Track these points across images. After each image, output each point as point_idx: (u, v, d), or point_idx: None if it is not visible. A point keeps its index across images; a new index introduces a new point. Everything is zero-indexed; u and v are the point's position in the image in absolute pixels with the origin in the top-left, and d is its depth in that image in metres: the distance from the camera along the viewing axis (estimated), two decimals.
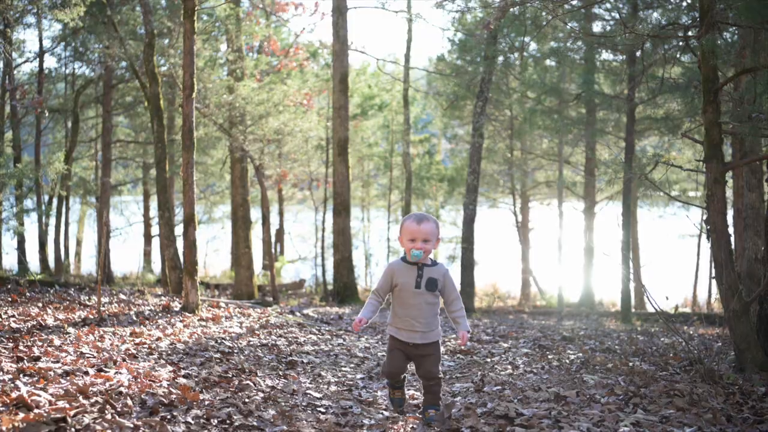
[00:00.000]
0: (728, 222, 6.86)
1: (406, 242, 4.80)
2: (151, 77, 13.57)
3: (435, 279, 4.80)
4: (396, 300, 4.86)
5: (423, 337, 4.81)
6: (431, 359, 4.85)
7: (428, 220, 4.80)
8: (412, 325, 4.79)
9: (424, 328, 4.79)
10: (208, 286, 19.82)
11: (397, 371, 4.96)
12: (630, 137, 15.62)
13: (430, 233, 4.75)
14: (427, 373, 4.86)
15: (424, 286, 4.76)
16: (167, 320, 8.48)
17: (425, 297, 4.78)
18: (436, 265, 4.88)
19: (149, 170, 23.60)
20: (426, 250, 4.74)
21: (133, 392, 4.69)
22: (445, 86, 24.42)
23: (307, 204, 30.12)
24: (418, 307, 4.77)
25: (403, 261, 4.86)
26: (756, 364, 6.48)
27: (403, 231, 4.84)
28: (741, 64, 8.28)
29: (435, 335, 4.85)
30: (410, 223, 4.80)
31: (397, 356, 4.91)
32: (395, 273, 4.84)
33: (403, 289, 4.79)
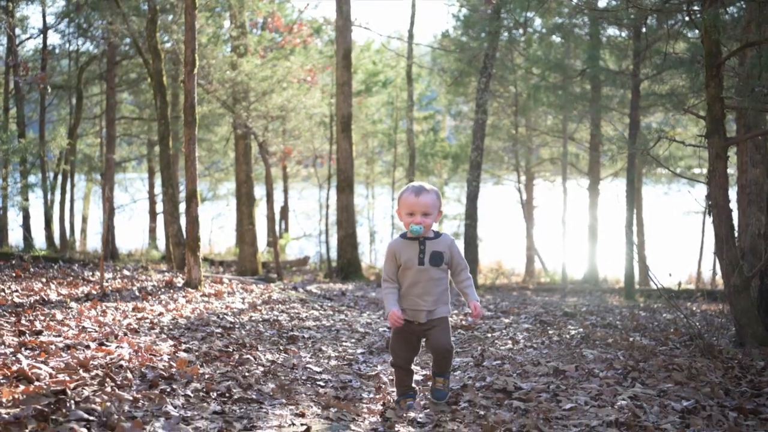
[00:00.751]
0: (730, 197, 6.84)
1: (404, 216, 4.42)
2: (153, 54, 13.53)
3: (440, 252, 4.41)
4: (400, 278, 4.49)
5: (429, 315, 4.44)
6: (439, 330, 4.46)
7: (427, 191, 4.39)
8: (416, 303, 4.42)
9: (431, 306, 4.43)
10: (213, 263, 19.88)
11: (407, 356, 4.56)
12: (635, 113, 15.55)
13: (431, 205, 4.35)
14: (438, 344, 4.46)
15: (428, 262, 4.39)
16: (170, 296, 8.52)
17: (430, 273, 4.40)
18: (439, 237, 4.47)
19: (154, 147, 23.59)
20: (426, 225, 4.35)
21: (134, 366, 4.73)
22: (449, 63, 24.32)
23: (311, 181, 30.14)
24: (423, 285, 4.41)
25: (402, 238, 4.49)
26: (756, 339, 6.50)
27: (400, 204, 4.44)
28: (746, 38, 8.22)
29: (443, 311, 4.48)
30: (408, 195, 4.40)
31: (405, 338, 4.54)
32: (397, 251, 4.45)
33: (407, 267, 4.41)
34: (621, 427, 4.15)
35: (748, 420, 4.35)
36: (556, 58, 19.33)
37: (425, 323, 4.44)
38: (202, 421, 3.85)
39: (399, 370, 4.59)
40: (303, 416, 4.20)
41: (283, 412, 4.24)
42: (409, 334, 4.51)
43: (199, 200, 9.73)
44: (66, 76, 20.81)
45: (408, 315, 4.44)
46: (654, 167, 20.55)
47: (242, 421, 3.95)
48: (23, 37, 18.02)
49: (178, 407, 4.03)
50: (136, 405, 3.94)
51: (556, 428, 4.18)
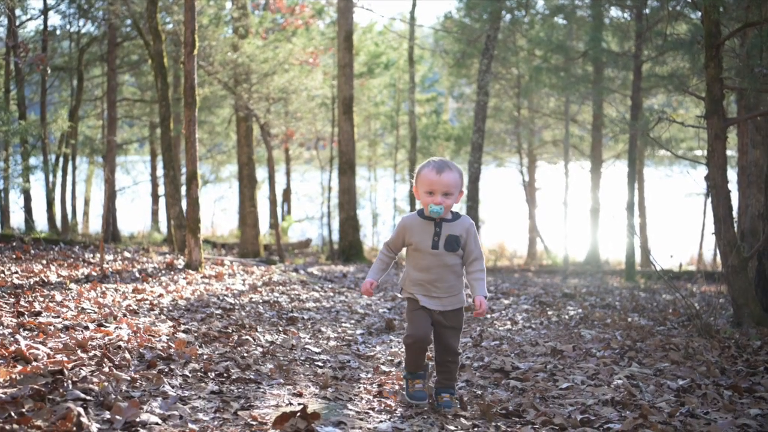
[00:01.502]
0: (728, 178, 6.84)
1: (422, 195, 3.97)
2: (154, 35, 13.50)
3: (456, 236, 3.99)
4: (410, 261, 4.11)
5: (444, 304, 4.06)
6: (453, 333, 4.12)
7: (450, 168, 3.95)
8: (429, 290, 4.04)
9: (444, 294, 4.05)
10: (215, 245, 19.92)
11: (424, 335, 4.08)
12: (636, 95, 15.51)
13: (453, 185, 3.92)
14: (447, 349, 4.11)
15: (442, 246, 3.98)
16: (170, 277, 8.55)
17: (444, 258, 4.00)
18: (458, 219, 4.04)
19: (156, 129, 23.57)
20: (447, 206, 3.93)
21: (132, 346, 4.75)
22: (451, 44, 24.24)
23: (313, 164, 30.12)
24: (436, 271, 4.01)
25: (419, 215, 4.05)
26: (753, 319, 6.52)
27: (419, 181, 3.99)
28: (747, 18, 8.18)
29: (458, 301, 4.09)
30: (428, 171, 3.95)
31: (422, 316, 4.08)
32: (408, 230, 4.05)
33: (418, 249, 4.02)
34: (617, 406, 4.18)
35: (743, 398, 4.38)
36: (558, 39, 19.25)
37: (444, 313, 4.08)
38: (200, 401, 3.88)
39: (415, 347, 4.11)
40: (300, 396, 4.23)
41: (280, 392, 4.27)
42: (426, 312, 4.09)
43: (199, 182, 9.75)
44: (67, 58, 20.76)
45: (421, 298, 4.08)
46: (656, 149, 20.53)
47: (239, 400, 3.98)
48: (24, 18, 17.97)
49: (175, 387, 4.06)
50: (133, 385, 3.96)
51: (553, 407, 4.21)
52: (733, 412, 4.07)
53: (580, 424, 3.86)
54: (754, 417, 3.97)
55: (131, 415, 3.44)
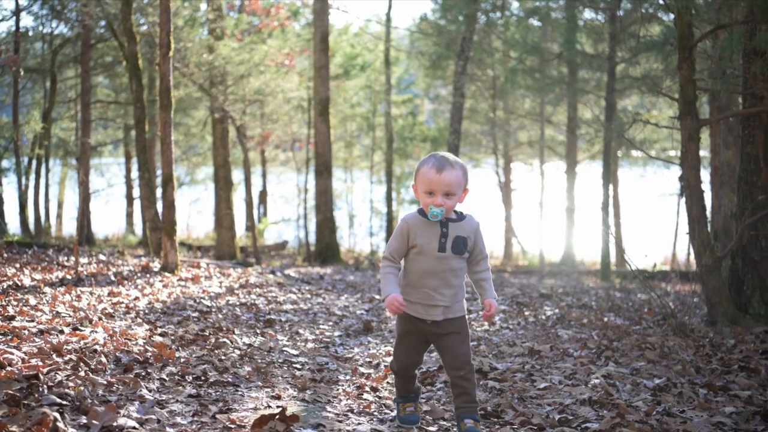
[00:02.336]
0: (702, 178, 6.92)
1: (422, 195, 3.61)
2: (129, 36, 13.40)
3: (463, 238, 3.63)
4: (410, 265, 3.69)
5: (445, 312, 3.66)
6: (458, 338, 3.67)
7: (452, 165, 3.59)
8: (430, 297, 3.63)
9: (448, 302, 3.64)
10: (191, 248, 19.81)
11: (412, 362, 3.81)
12: (611, 96, 15.64)
13: (455, 184, 3.57)
14: (455, 359, 3.64)
15: (450, 249, 3.61)
16: (146, 280, 8.49)
17: (451, 262, 3.62)
18: (464, 219, 3.69)
19: (130, 131, 23.40)
20: (449, 207, 3.57)
21: (108, 350, 4.72)
22: (427, 46, 24.31)
23: (290, 165, 30.06)
24: (441, 276, 3.63)
25: (420, 215, 3.66)
26: (727, 318, 6.59)
27: (418, 179, 3.63)
28: (718, 20, 8.28)
29: (460, 308, 3.70)
30: (428, 169, 3.59)
31: (412, 340, 3.76)
32: (412, 230, 3.64)
33: (423, 253, 3.62)
34: (594, 405, 4.21)
35: (718, 396, 4.43)
36: (533, 41, 19.36)
37: (441, 323, 3.67)
38: (177, 405, 3.86)
39: (402, 376, 3.87)
40: (279, 398, 4.22)
41: (259, 394, 4.25)
42: (418, 334, 3.75)
43: (175, 184, 9.69)
44: (40, 59, 20.55)
45: (418, 311, 3.68)
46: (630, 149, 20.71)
47: (218, 403, 3.96)
48: None
49: (152, 391, 4.04)
50: (110, 389, 3.93)
51: (531, 407, 4.23)
52: (708, 410, 4.11)
53: (558, 423, 3.88)
54: (729, 415, 4.02)
55: (108, 420, 3.41)
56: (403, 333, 3.78)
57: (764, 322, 6.60)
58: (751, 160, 6.79)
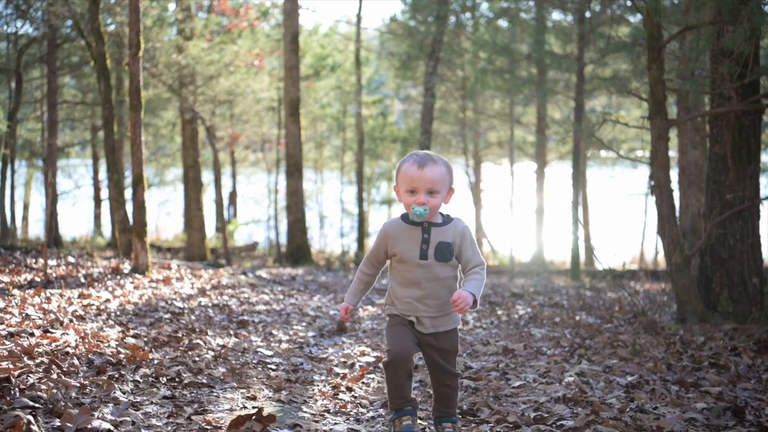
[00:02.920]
0: (671, 178, 7.01)
1: (403, 194, 3.39)
2: (96, 36, 13.26)
3: (448, 243, 3.37)
4: (394, 275, 3.46)
5: (434, 324, 3.42)
6: (446, 354, 3.46)
7: (435, 162, 3.36)
8: (416, 309, 3.40)
9: (435, 312, 3.40)
10: (160, 249, 19.65)
11: (406, 348, 3.39)
12: (579, 97, 15.77)
13: (438, 181, 3.33)
14: (441, 371, 3.46)
15: (432, 256, 3.36)
16: (116, 282, 8.41)
17: (435, 270, 3.37)
18: (449, 223, 3.43)
19: (98, 132, 23.15)
20: (432, 206, 3.33)
21: (80, 352, 4.67)
22: (397, 47, 24.34)
23: (260, 166, 29.94)
24: (425, 286, 3.38)
25: (402, 220, 3.44)
26: (696, 315, 6.68)
27: (399, 178, 3.40)
28: (686, 22, 8.40)
29: (451, 321, 3.45)
30: (409, 166, 3.36)
31: (403, 331, 3.44)
32: (390, 237, 3.42)
33: (404, 261, 3.39)
34: (568, 403, 4.24)
35: (690, 393, 4.48)
36: (502, 42, 19.47)
37: (429, 335, 3.43)
38: (152, 406, 3.83)
39: (395, 368, 3.39)
40: (254, 399, 4.20)
41: (234, 395, 4.23)
42: (407, 328, 3.45)
43: (146, 185, 9.61)
44: (5, 59, 20.26)
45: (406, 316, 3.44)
46: (598, 150, 20.92)
47: (193, 405, 3.94)
48: None
49: (126, 393, 4.00)
50: (83, 391, 3.89)
51: (506, 405, 4.25)
52: (680, 406, 4.16)
53: (533, 421, 3.91)
54: (701, 411, 4.07)
55: (82, 422, 3.38)
56: (392, 325, 3.48)
57: (733, 320, 6.70)
58: (719, 159, 6.89)
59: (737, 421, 3.91)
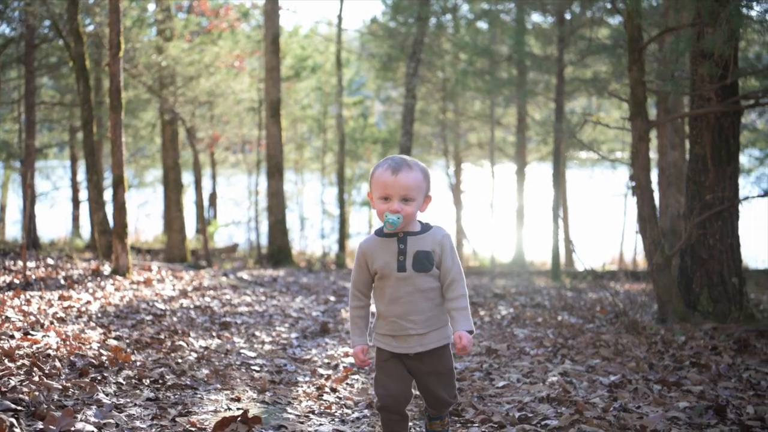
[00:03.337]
0: (652, 179, 7.06)
1: (377, 202, 3.15)
2: (75, 37, 13.16)
3: (427, 252, 3.13)
4: (376, 294, 3.23)
5: (423, 342, 3.15)
6: (440, 378, 3.21)
7: (410, 167, 3.13)
8: (401, 327, 3.14)
9: (422, 328, 3.13)
10: (140, 251, 19.52)
11: (399, 394, 3.19)
12: (560, 98, 15.85)
13: (414, 187, 3.10)
14: (436, 399, 3.22)
15: (411, 267, 3.11)
16: (97, 284, 8.35)
17: (416, 282, 3.12)
18: (428, 231, 3.18)
19: (76, 133, 22.97)
20: (407, 214, 3.09)
21: (62, 355, 4.63)
22: (378, 48, 24.35)
23: (240, 167, 29.84)
24: (407, 301, 3.13)
25: (377, 234, 3.20)
26: (677, 315, 6.73)
27: (373, 184, 3.17)
28: (665, 24, 8.46)
29: (442, 336, 3.18)
30: (382, 172, 3.13)
31: (393, 369, 3.20)
32: (368, 255, 3.18)
33: (383, 276, 3.16)
34: (552, 403, 4.26)
35: (672, 392, 4.51)
36: (483, 43, 19.54)
37: (418, 356, 3.17)
38: (136, 408, 3.80)
39: (388, 413, 3.20)
40: (239, 401, 4.19)
41: (218, 397, 4.22)
42: (398, 364, 3.21)
43: (126, 186, 9.55)
44: None
45: (395, 346, 3.18)
46: (579, 150, 21.04)
47: (177, 407, 3.92)
48: None
49: (110, 395, 3.98)
50: (66, 394, 3.86)
51: (491, 405, 4.26)
52: (663, 405, 4.19)
53: (518, 421, 3.92)
54: (683, 410, 4.10)
55: (66, 425, 3.35)
56: (382, 361, 3.23)
57: (713, 319, 6.75)
58: (698, 160, 6.95)
59: (719, 419, 3.94)
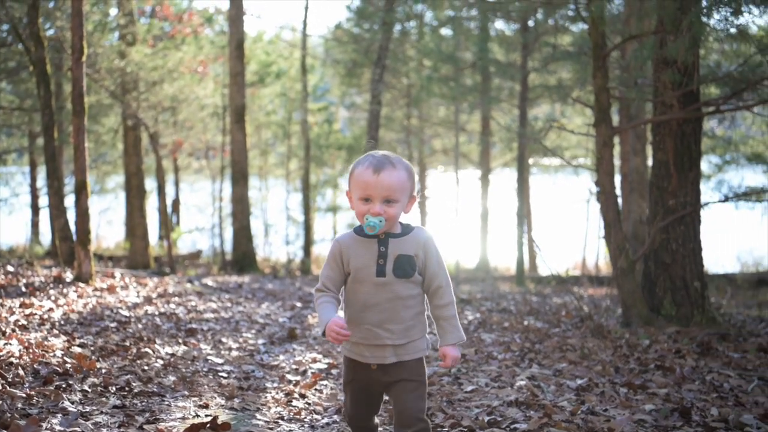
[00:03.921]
0: (616, 185, 7.15)
1: (357, 203, 2.89)
2: (36, 41, 12.98)
3: (409, 257, 2.88)
4: (349, 296, 2.95)
5: (397, 353, 2.89)
6: (409, 387, 2.91)
7: (393, 165, 2.89)
8: (375, 336, 2.88)
9: (400, 339, 2.88)
10: (101, 258, 19.27)
11: (364, 414, 3.06)
12: (523, 104, 15.99)
13: (397, 187, 2.85)
14: (403, 414, 2.89)
15: (391, 272, 2.86)
16: (59, 291, 8.22)
17: (396, 289, 2.87)
18: (410, 232, 2.93)
19: (36, 139, 22.65)
20: (390, 217, 2.85)
21: (25, 362, 4.55)
22: (343, 54, 24.38)
23: (203, 174, 29.65)
24: (384, 308, 2.87)
25: (356, 233, 2.94)
26: (641, 319, 6.81)
27: (352, 183, 2.92)
28: (628, 32, 8.58)
29: (416, 349, 2.93)
30: (363, 170, 2.88)
31: (360, 389, 3.00)
32: (344, 253, 2.92)
33: (359, 279, 2.89)
34: (521, 406, 4.28)
35: (638, 395, 4.56)
36: (447, 50, 19.64)
37: (390, 367, 2.90)
38: (102, 416, 3.75)
39: (356, 428, 3.10)
40: (207, 407, 4.15)
41: (186, 404, 4.18)
42: (365, 382, 2.97)
43: (89, 192, 9.43)
44: None
45: (363, 355, 2.92)
46: (542, 156, 21.23)
47: (144, 414, 3.87)
48: None
49: (75, 403, 3.92)
50: (30, 402, 3.80)
51: (460, 409, 4.27)
52: (629, 408, 4.23)
53: (487, 425, 3.93)
54: (649, 412, 4.15)
55: None
56: (347, 381, 3.02)
57: (676, 323, 6.84)
58: (661, 166, 7.04)
59: (684, 421, 3.99)
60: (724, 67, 7.78)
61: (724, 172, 16.40)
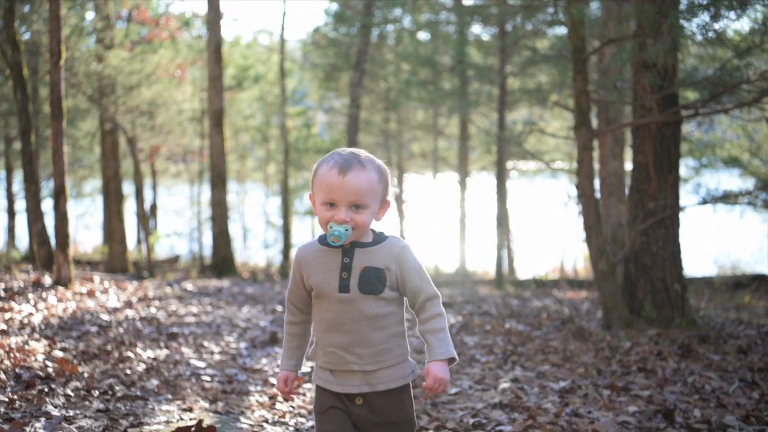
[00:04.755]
0: (596, 187, 7.19)
1: (320, 208, 2.51)
2: (12, 45, 12.86)
3: (377, 269, 2.48)
4: (315, 315, 2.58)
5: (370, 381, 2.50)
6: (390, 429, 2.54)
7: (362, 165, 2.50)
8: (342, 360, 2.50)
9: (370, 364, 2.49)
10: (79, 263, 19.09)
11: None
12: (502, 108, 16.05)
13: (367, 191, 2.48)
14: None
15: (355, 287, 2.47)
16: (38, 295, 8.14)
17: (361, 306, 2.47)
18: (381, 242, 2.54)
19: (12, 143, 22.42)
20: (358, 225, 2.47)
21: (6, 367, 4.51)
22: (321, 58, 24.38)
23: (181, 178, 29.49)
24: (349, 328, 2.49)
25: (320, 242, 2.56)
26: (622, 321, 6.85)
27: (315, 185, 2.53)
28: (606, 35, 8.64)
29: (398, 376, 2.53)
30: (327, 171, 2.49)
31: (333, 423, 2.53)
32: (305, 265, 2.55)
33: (320, 295, 2.52)
34: (505, 409, 4.30)
35: (621, 396, 4.60)
36: (425, 53, 19.69)
37: (365, 398, 2.51)
38: (86, 420, 3.72)
39: None
40: (191, 411, 4.13)
41: (170, 407, 4.16)
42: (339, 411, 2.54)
43: (68, 196, 9.35)
44: None
45: (329, 380, 2.54)
46: (521, 160, 21.33)
47: (128, 418, 3.85)
48: None
49: (58, 407, 3.89)
50: (12, 406, 3.77)
51: (444, 412, 4.28)
52: (613, 410, 4.27)
53: (472, 427, 3.95)
54: (633, 414, 4.18)
55: None
56: (320, 411, 2.57)
57: (656, 325, 6.89)
58: (641, 169, 7.10)
59: (668, 423, 4.03)
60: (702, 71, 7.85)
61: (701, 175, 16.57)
